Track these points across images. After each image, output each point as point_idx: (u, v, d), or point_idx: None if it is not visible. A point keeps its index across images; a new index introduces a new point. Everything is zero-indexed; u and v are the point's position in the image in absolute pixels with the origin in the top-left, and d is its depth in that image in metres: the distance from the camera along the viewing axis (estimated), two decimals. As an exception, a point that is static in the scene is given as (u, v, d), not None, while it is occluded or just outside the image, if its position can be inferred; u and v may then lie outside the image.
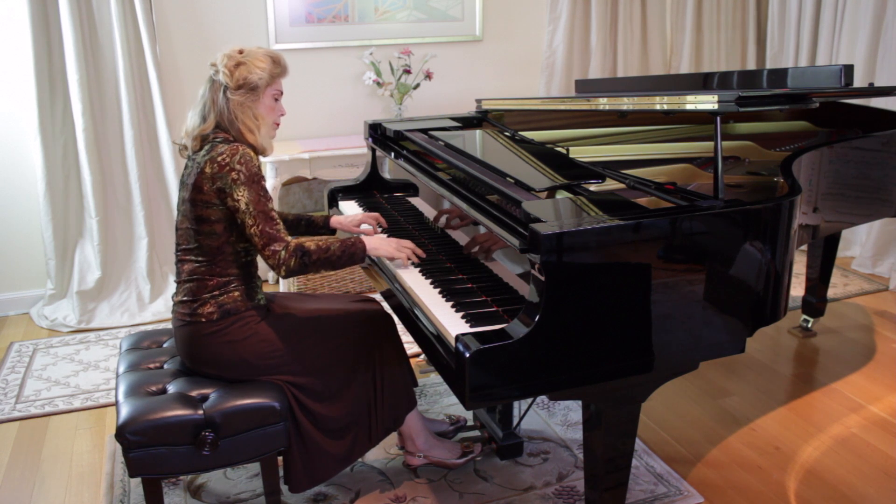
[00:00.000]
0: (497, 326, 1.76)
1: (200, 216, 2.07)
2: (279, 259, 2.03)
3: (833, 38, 4.42)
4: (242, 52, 2.12)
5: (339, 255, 2.12)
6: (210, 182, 2.04)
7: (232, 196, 2.02)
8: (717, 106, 1.95)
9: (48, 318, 3.78)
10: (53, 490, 2.50)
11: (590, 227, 1.71)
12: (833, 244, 3.40)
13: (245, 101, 2.10)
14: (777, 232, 1.95)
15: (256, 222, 2.02)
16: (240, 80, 2.08)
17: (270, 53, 2.15)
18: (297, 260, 2.04)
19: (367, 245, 2.18)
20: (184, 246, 2.14)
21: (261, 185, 2.05)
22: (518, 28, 4.61)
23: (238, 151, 2.04)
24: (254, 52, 2.13)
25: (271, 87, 2.14)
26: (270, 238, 2.03)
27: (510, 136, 2.82)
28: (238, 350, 2.11)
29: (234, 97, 2.09)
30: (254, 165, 2.05)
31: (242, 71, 2.08)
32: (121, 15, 3.64)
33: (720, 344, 1.94)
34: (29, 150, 3.74)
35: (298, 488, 2.18)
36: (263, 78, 2.10)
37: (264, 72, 2.10)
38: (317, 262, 2.08)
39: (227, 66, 2.09)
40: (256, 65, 2.10)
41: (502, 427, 2.48)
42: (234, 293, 2.12)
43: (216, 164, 2.03)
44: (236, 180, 2.01)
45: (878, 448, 2.62)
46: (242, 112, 2.11)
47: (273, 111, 2.18)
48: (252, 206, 2.02)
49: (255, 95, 2.11)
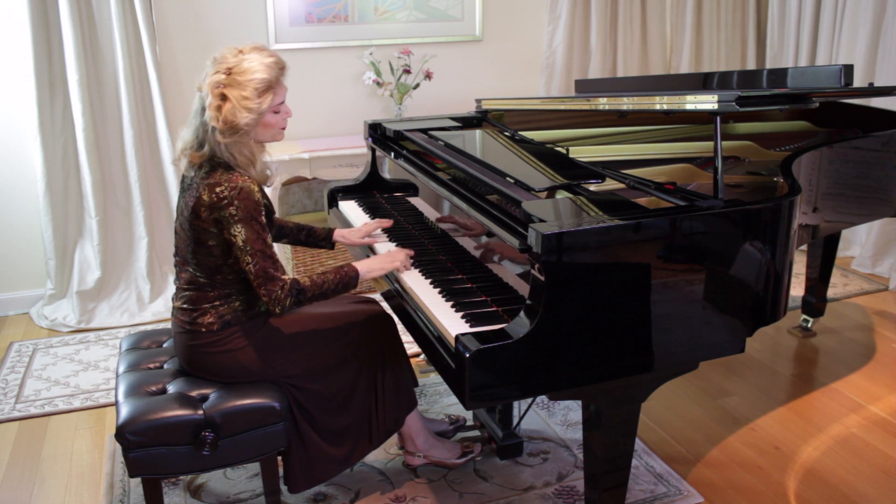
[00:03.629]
0: (497, 326, 1.76)
1: (198, 238, 2.02)
2: (274, 298, 1.98)
3: (833, 38, 4.42)
4: (230, 75, 1.93)
5: (333, 288, 2.09)
6: (208, 211, 1.97)
7: (228, 231, 1.96)
8: (717, 106, 1.95)
9: (48, 318, 3.78)
10: (53, 490, 2.50)
11: (590, 227, 1.71)
12: (833, 244, 3.40)
13: (238, 141, 1.97)
14: (777, 232, 1.95)
15: (254, 260, 1.97)
16: (226, 124, 1.93)
17: (261, 80, 1.94)
18: (292, 299, 2.01)
19: (361, 270, 2.15)
20: (182, 254, 2.10)
21: (259, 222, 1.97)
22: (518, 28, 4.62)
23: (237, 186, 1.94)
24: (243, 77, 1.93)
25: (266, 113, 1.99)
26: (267, 278, 1.98)
27: (510, 136, 2.82)
28: (238, 358, 2.10)
29: (224, 140, 1.95)
30: (252, 202, 1.95)
31: (227, 114, 1.92)
32: (121, 15, 3.64)
33: (720, 344, 1.94)
34: (29, 150, 3.74)
35: (298, 489, 2.17)
36: (252, 119, 1.95)
37: (252, 112, 1.94)
38: (312, 298, 2.05)
39: (212, 104, 1.92)
40: (243, 104, 1.92)
41: (502, 427, 2.48)
42: (235, 304, 2.10)
43: (214, 195, 1.95)
44: (234, 216, 1.94)
45: (878, 448, 2.62)
46: (237, 149, 1.98)
47: (274, 125, 2.05)
48: (249, 244, 1.96)
49: (247, 133, 1.98)
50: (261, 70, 1.95)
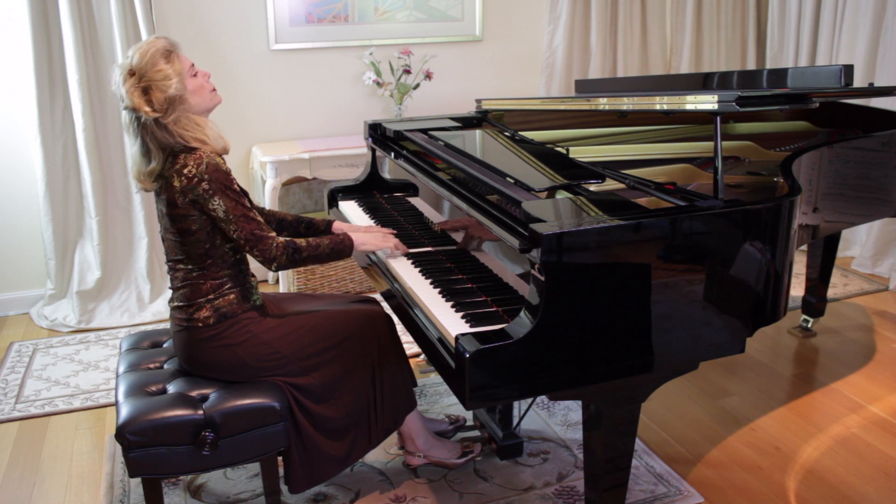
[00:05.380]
0: (497, 326, 1.76)
1: (181, 228, 2.05)
2: (269, 255, 2.06)
3: (833, 38, 4.42)
4: (134, 74, 1.97)
5: (328, 252, 2.18)
6: (182, 195, 2.00)
7: (208, 206, 2.00)
8: (717, 106, 1.95)
9: (48, 318, 3.78)
10: (53, 490, 2.50)
11: (590, 227, 1.71)
12: (833, 244, 3.40)
13: (179, 116, 2.00)
14: (777, 232, 1.95)
15: (238, 227, 2.02)
16: (161, 103, 1.96)
17: (157, 50, 1.98)
18: (287, 256, 2.09)
19: (356, 241, 2.24)
20: (172, 256, 2.13)
21: (233, 189, 2.01)
22: (518, 28, 4.61)
23: (202, 160, 1.98)
24: (142, 63, 1.96)
25: (186, 77, 2.02)
26: (256, 239, 2.04)
27: (510, 136, 2.82)
28: (236, 353, 2.11)
29: (168, 120, 1.98)
30: (221, 172, 2.00)
31: (156, 95, 1.96)
32: (121, 15, 3.64)
33: (720, 344, 1.94)
34: (29, 151, 3.74)
35: (298, 489, 2.17)
36: (176, 82, 1.98)
37: (171, 78, 1.97)
38: (307, 259, 2.14)
39: (138, 103, 1.95)
40: (160, 78, 1.96)
41: (502, 427, 2.48)
42: (230, 295, 2.11)
43: (184, 178, 1.98)
44: (207, 190, 1.98)
45: (878, 448, 2.62)
46: (182, 127, 2.01)
47: (202, 87, 2.07)
48: (231, 212, 2.01)
49: (183, 101, 2.01)
50: (150, 49, 1.99)
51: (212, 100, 2.12)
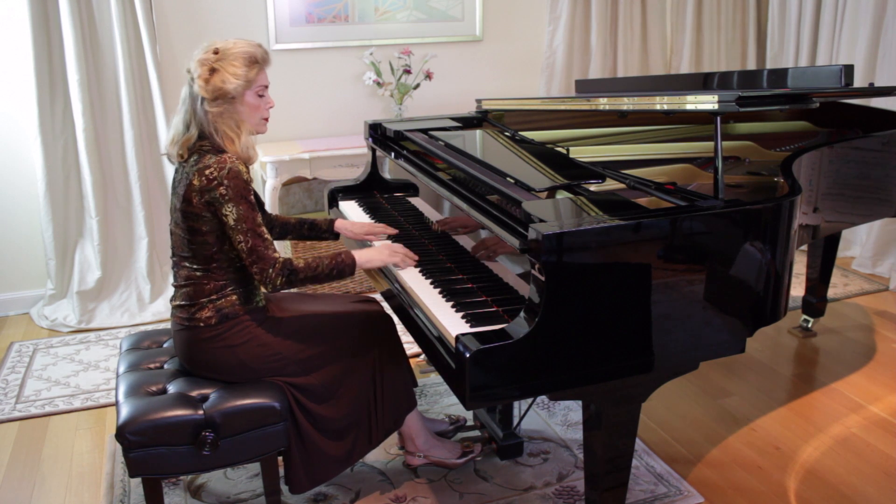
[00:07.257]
0: (497, 326, 1.76)
1: (191, 227, 2.05)
2: (266, 277, 2.03)
3: (833, 38, 4.42)
4: (218, 53, 2.03)
5: (327, 272, 2.12)
6: (199, 195, 2.01)
7: (220, 210, 2.01)
8: (718, 106, 1.95)
9: (48, 318, 3.78)
10: (53, 490, 2.50)
11: (590, 227, 1.71)
12: (833, 244, 3.40)
13: (224, 111, 2.04)
14: (777, 232, 1.95)
15: (245, 238, 2.01)
16: (215, 91, 2.01)
17: (247, 52, 2.05)
18: (283, 278, 2.04)
19: (358, 259, 2.18)
20: (179, 252, 2.13)
21: (248, 201, 2.02)
22: (518, 28, 4.61)
23: (226, 165, 1.99)
24: (230, 52, 2.03)
25: (251, 90, 2.06)
26: (259, 256, 2.02)
27: (510, 136, 2.82)
28: (237, 354, 2.11)
29: (211, 109, 2.03)
30: (242, 180, 2.01)
31: (217, 80, 2.01)
32: (121, 15, 3.64)
33: (720, 344, 1.94)
34: (29, 151, 3.74)
35: (298, 489, 2.17)
36: (239, 85, 2.03)
37: (239, 79, 2.02)
38: (304, 280, 2.09)
39: (202, 75, 2.01)
40: (231, 71, 2.01)
41: (502, 427, 2.48)
42: (232, 297, 2.11)
43: (204, 178, 1.99)
44: (224, 195, 1.99)
45: (878, 448, 2.62)
46: (222, 121, 2.05)
47: (258, 109, 2.11)
48: (241, 223, 2.00)
49: (234, 103, 2.05)
50: (246, 46, 2.06)
51: (257, 126, 2.14)
